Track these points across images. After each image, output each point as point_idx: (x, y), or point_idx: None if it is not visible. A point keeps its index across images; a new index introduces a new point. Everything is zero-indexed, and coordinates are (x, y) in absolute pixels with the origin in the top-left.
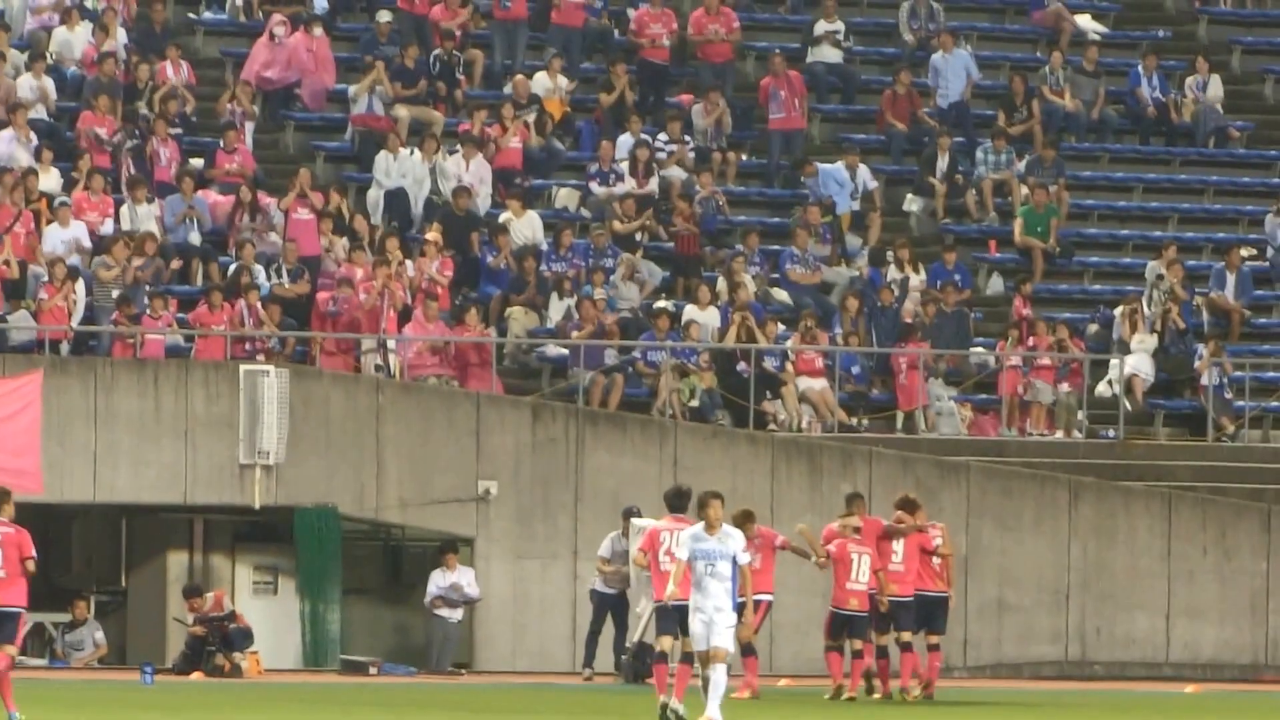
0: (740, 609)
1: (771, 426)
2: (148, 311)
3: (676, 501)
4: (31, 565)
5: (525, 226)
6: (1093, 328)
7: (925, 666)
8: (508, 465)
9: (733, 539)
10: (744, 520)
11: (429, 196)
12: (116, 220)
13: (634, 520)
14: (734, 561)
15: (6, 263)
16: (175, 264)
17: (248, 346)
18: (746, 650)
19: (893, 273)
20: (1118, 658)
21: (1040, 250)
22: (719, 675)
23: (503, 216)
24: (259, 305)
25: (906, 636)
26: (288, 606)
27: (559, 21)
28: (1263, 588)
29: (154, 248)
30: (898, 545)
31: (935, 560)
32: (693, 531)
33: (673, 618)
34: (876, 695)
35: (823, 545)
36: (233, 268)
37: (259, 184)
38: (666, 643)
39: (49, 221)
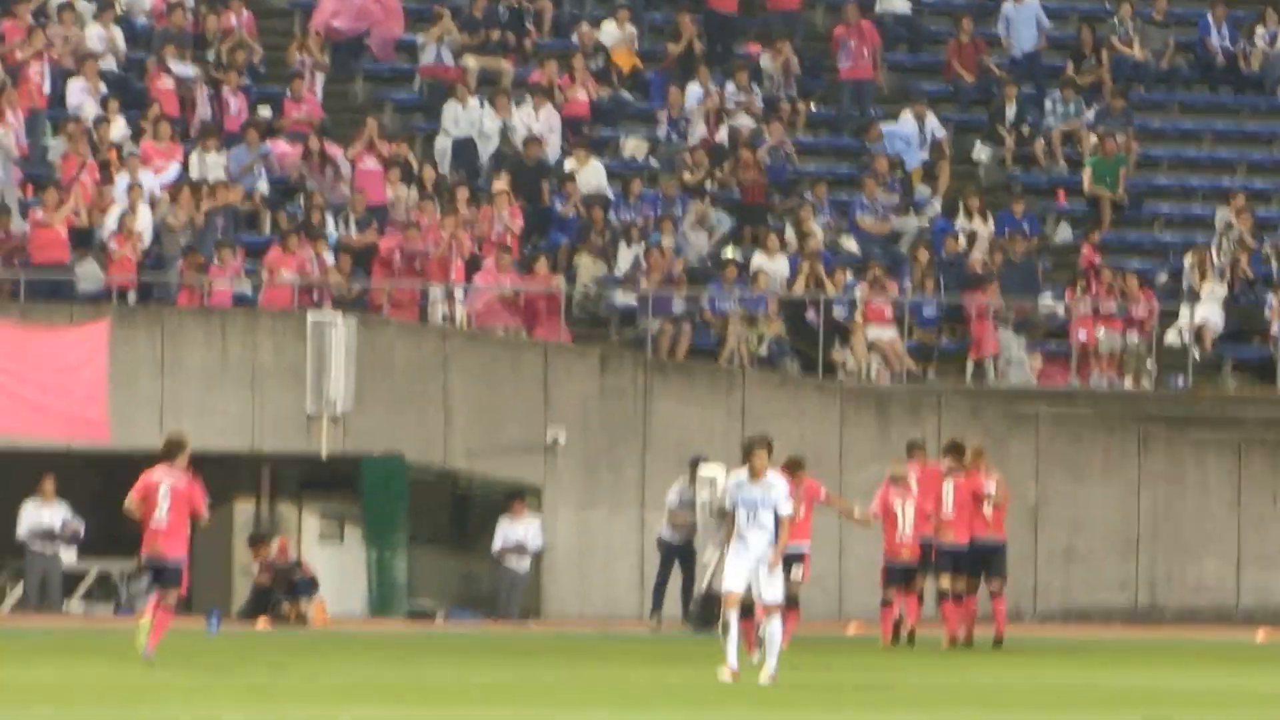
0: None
1: (840, 375)
2: (215, 261)
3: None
4: (203, 522)
5: (591, 175)
6: (1162, 276)
7: (967, 615)
8: (575, 414)
9: (776, 488)
10: (793, 469)
11: (497, 146)
12: (185, 169)
13: (701, 468)
14: (775, 511)
15: (75, 212)
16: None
17: (314, 296)
18: (789, 603)
19: (961, 222)
20: (1187, 604)
21: (1109, 199)
22: (774, 629)
23: (568, 165)
24: (327, 254)
25: (945, 584)
26: (354, 555)
27: None
28: None
29: (225, 196)
30: (948, 492)
31: (988, 508)
32: (737, 479)
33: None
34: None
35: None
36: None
37: (326, 134)
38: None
39: (117, 171)
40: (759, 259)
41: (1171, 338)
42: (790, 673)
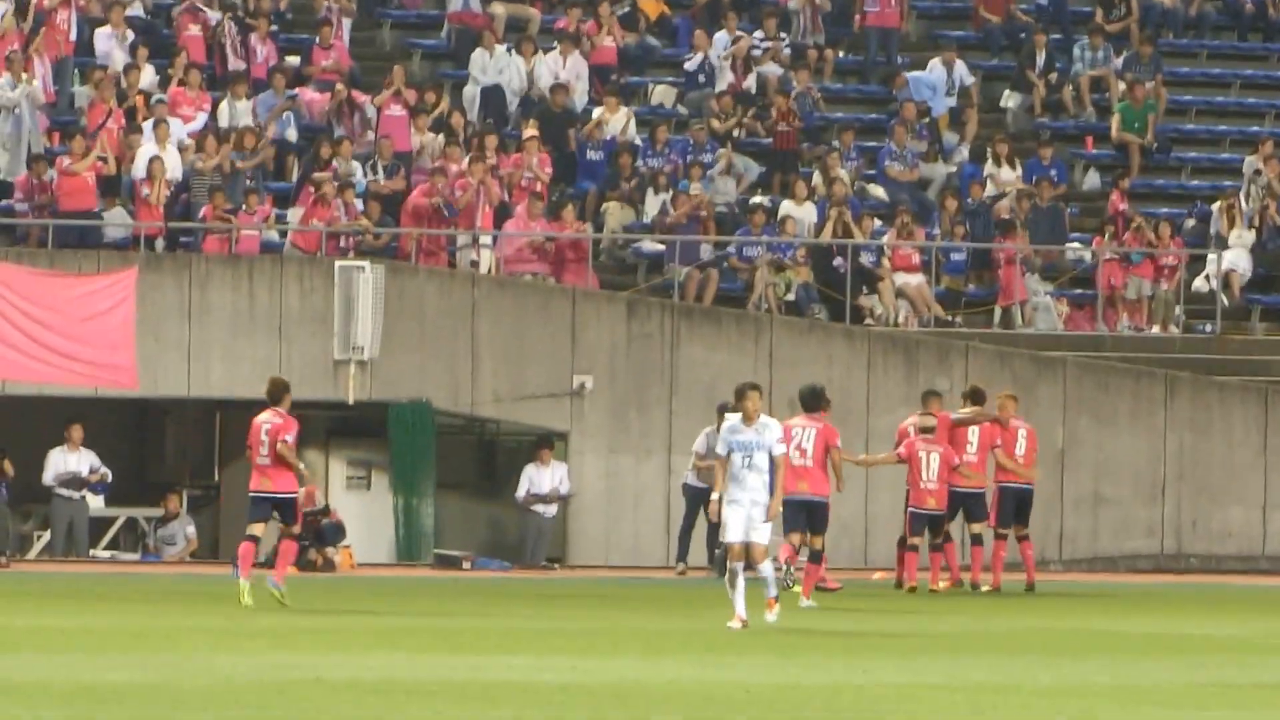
0: (772, 497)
1: (868, 321)
2: (244, 207)
3: (811, 401)
4: (283, 448)
5: (619, 123)
6: (1190, 223)
7: (990, 560)
8: (603, 360)
9: (769, 430)
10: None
11: (525, 93)
12: (213, 116)
13: (728, 415)
14: (770, 454)
15: (102, 160)
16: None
17: (341, 243)
18: (814, 557)
19: (989, 168)
20: (1213, 551)
21: (1137, 146)
22: (768, 571)
23: (596, 113)
24: (355, 201)
25: (977, 529)
26: (381, 501)
27: None
28: None
29: (254, 142)
30: (972, 437)
31: (1018, 455)
32: (730, 424)
33: (799, 513)
34: (943, 585)
35: (895, 446)
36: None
37: (354, 82)
38: (795, 538)
39: (145, 118)
40: (787, 206)
41: (1199, 284)
42: (815, 620)
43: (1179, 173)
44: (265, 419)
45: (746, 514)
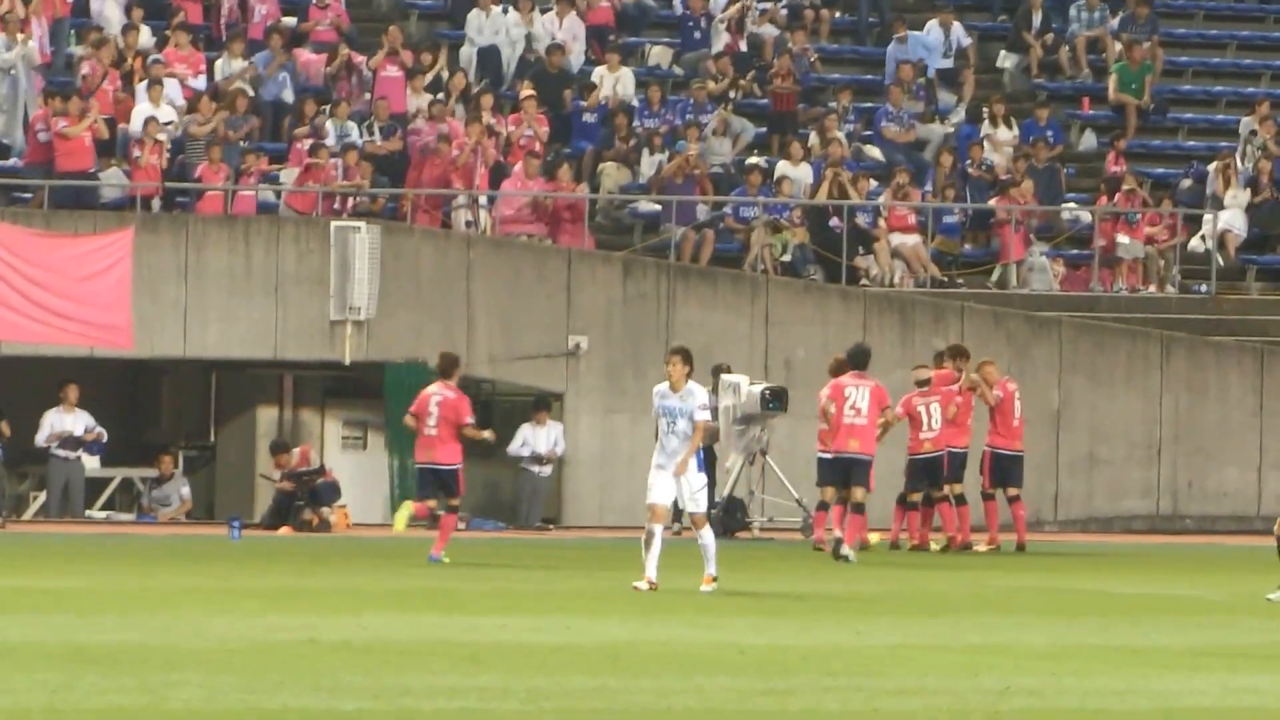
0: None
1: (864, 281)
2: (242, 166)
3: (861, 359)
4: (469, 430)
5: (617, 83)
6: (1186, 183)
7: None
8: (598, 321)
9: (694, 396)
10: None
11: (521, 54)
12: (210, 77)
13: (723, 376)
14: (692, 419)
15: (98, 121)
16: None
17: (335, 205)
18: (855, 509)
19: (986, 129)
20: (1208, 512)
21: (1134, 107)
22: (708, 540)
23: (596, 73)
24: (351, 162)
25: (958, 489)
26: (376, 461)
27: None
28: None
29: (245, 104)
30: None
31: (1015, 419)
32: (658, 389)
33: (838, 469)
34: (935, 547)
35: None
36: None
37: (351, 42)
38: (829, 493)
39: (140, 80)
40: (783, 167)
41: (1195, 245)
42: (808, 582)
43: (1175, 133)
44: (435, 391)
45: (674, 480)
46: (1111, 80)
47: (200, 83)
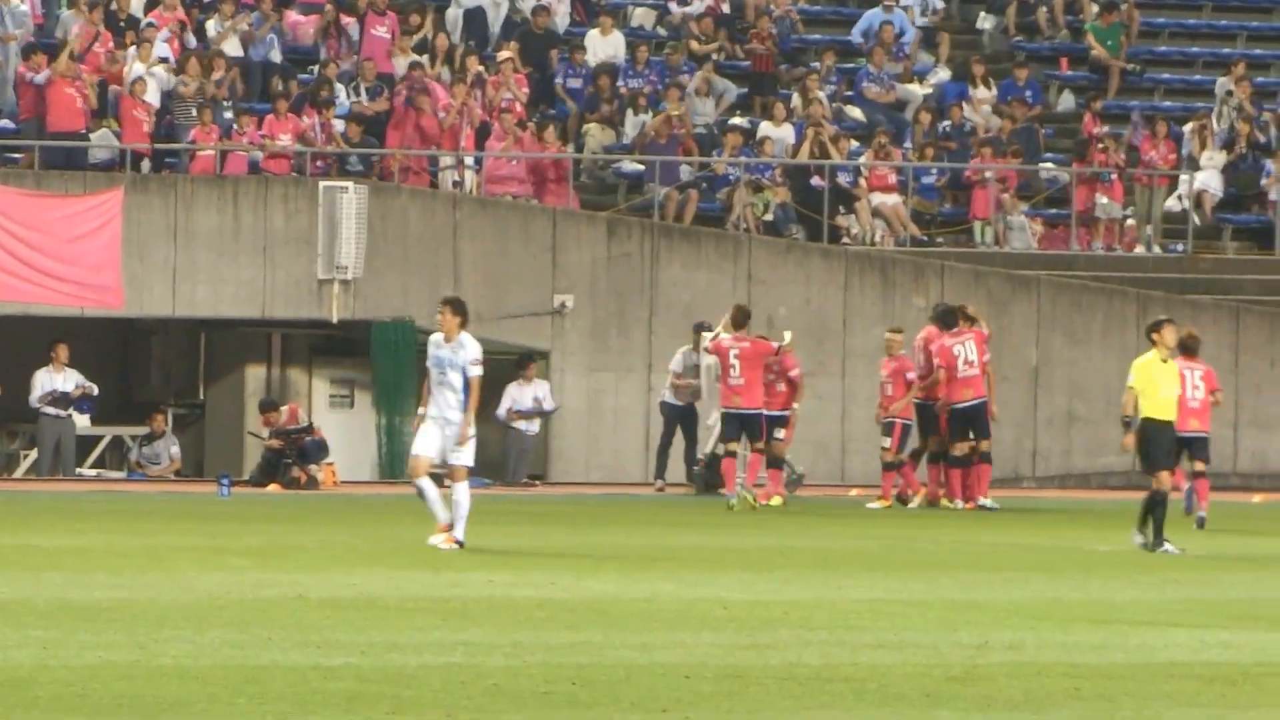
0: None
1: (845, 240)
2: (235, 127)
3: (948, 319)
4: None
5: (606, 45)
6: (1168, 129)
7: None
8: (583, 279)
9: (465, 349)
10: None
11: (507, 15)
12: (200, 38)
13: (705, 334)
14: (464, 372)
15: (88, 83)
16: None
17: (319, 164)
18: (773, 463)
19: (965, 89)
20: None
21: (1115, 68)
22: (461, 495)
23: (588, 36)
24: (336, 122)
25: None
26: (364, 419)
27: None
28: None
29: (224, 68)
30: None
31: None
32: (433, 338)
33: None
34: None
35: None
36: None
37: (339, 3)
38: (963, 448)
39: (130, 43)
40: (765, 127)
41: (1171, 205)
42: (792, 538)
43: (1152, 94)
44: (729, 344)
45: (441, 432)
46: (1089, 38)
47: (188, 43)
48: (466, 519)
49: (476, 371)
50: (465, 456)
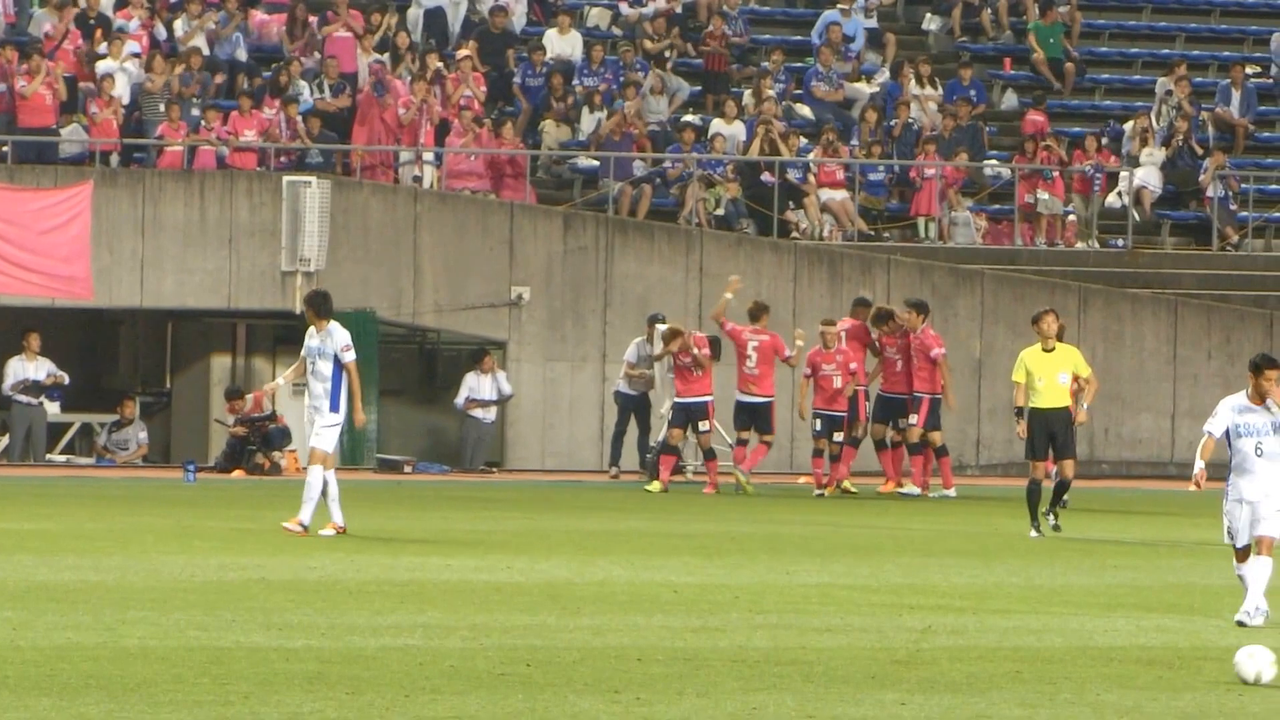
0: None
1: (794, 235)
2: (203, 123)
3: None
4: (792, 363)
5: (563, 44)
6: (1103, 141)
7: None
8: (540, 272)
9: (334, 337)
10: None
11: (466, 15)
12: (170, 35)
13: (658, 326)
14: (337, 360)
15: (58, 79)
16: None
17: (283, 160)
18: (708, 454)
19: (912, 89)
20: (1124, 457)
21: (1061, 65)
22: (314, 478)
23: (546, 35)
24: (298, 118)
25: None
26: None
27: None
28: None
29: (199, 63)
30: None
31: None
32: (310, 329)
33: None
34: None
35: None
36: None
37: (304, 3)
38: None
39: (101, 41)
40: (717, 124)
41: (1112, 200)
42: (742, 524)
43: (1093, 93)
44: (749, 335)
45: (311, 419)
46: (1030, 38)
47: (160, 35)
48: (314, 503)
49: (350, 357)
50: (324, 441)
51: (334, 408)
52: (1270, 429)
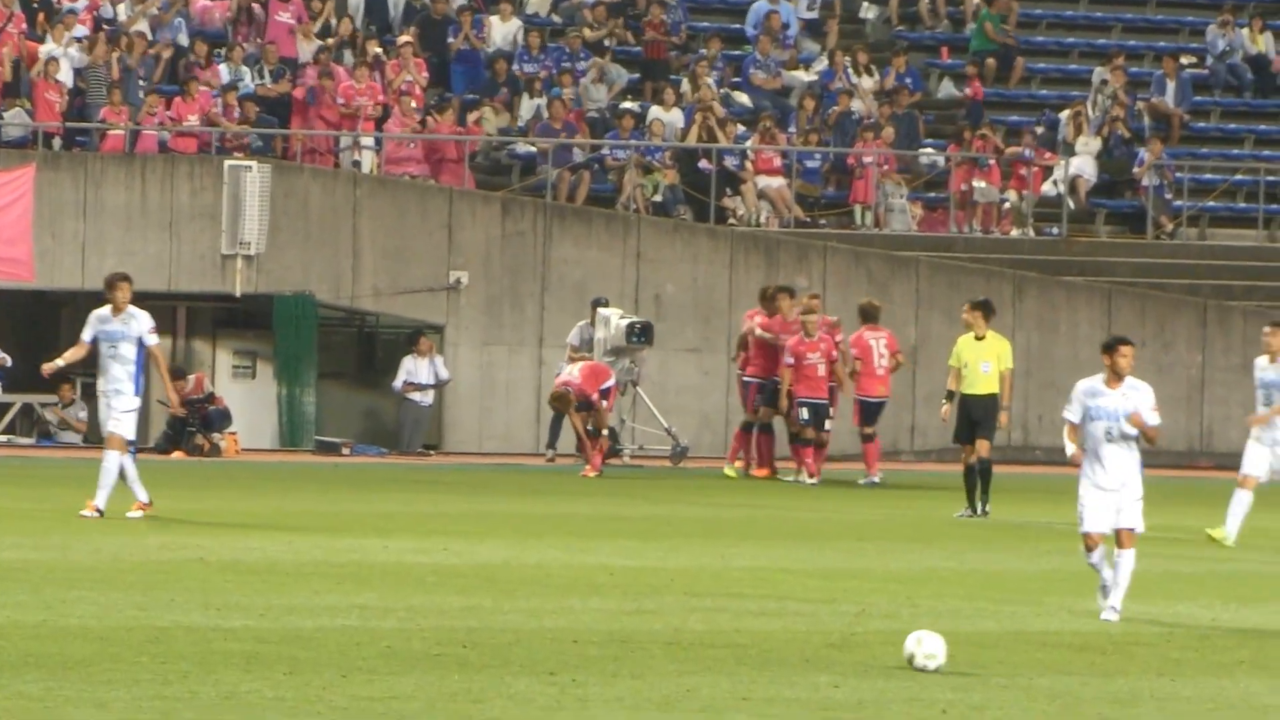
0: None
1: (731, 221)
2: (145, 107)
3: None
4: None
5: (504, 30)
6: (1039, 130)
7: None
8: (478, 257)
9: (138, 320)
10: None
11: (407, 1)
12: (114, 17)
13: (600, 310)
14: (140, 344)
15: (1, 64)
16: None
17: (217, 146)
18: (593, 433)
19: (850, 77)
20: (1058, 444)
21: (989, 55)
22: (110, 463)
23: (493, 19)
24: (237, 103)
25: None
26: (265, 390)
27: None
28: (1198, 379)
29: (142, 47)
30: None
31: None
32: (98, 314)
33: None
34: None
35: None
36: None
37: None
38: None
39: (44, 25)
40: (655, 111)
41: (1047, 189)
42: (677, 508)
43: (1029, 82)
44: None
45: (109, 404)
46: (972, 30)
47: (98, 24)
48: (110, 488)
49: (154, 340)
50: (123, 427)
51: (137, 391)
52: (1121, 413)
